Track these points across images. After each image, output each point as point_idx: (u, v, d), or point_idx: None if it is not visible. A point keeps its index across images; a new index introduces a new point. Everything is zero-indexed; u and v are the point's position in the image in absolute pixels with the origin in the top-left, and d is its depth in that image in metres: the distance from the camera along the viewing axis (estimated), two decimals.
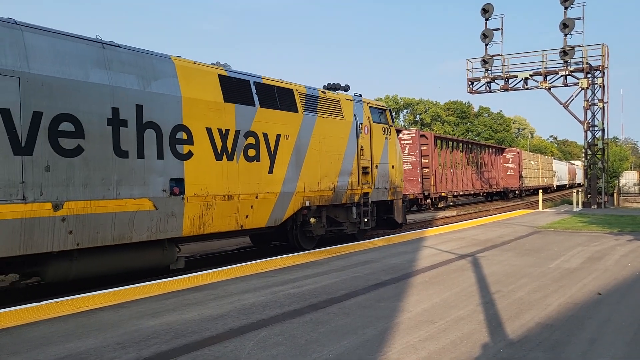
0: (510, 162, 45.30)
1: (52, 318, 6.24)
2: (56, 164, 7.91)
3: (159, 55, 9.83)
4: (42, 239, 7.74)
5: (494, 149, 44.25)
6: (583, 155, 29.69)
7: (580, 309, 6.40)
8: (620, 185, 32.63)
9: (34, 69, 7.71)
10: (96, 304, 6.92)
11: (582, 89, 27.36)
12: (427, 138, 31.03)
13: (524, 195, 47.87)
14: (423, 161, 30.41)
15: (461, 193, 35.48)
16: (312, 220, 13.17)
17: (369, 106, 15.29)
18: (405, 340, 5.26)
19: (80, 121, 8.23)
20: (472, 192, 37.61)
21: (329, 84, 14.68)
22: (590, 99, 27.55)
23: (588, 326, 5.70)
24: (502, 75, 29.24)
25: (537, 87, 28.61)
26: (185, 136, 9.84)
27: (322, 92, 13.67)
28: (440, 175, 32.21)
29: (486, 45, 29.01)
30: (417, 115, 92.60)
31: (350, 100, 14.57)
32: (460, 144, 37.91)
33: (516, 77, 28.98)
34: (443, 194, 32.08)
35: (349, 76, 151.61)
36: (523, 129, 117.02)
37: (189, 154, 9.90)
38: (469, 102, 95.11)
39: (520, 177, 45.24)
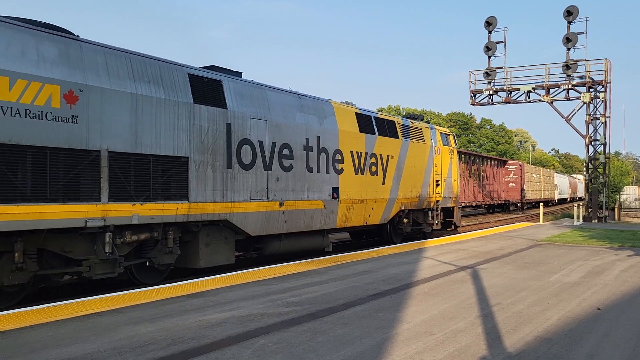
0: (512, 174, 45.24)
1: (50, 322, 6.23)
2: (281, 176, 11.83)
3: (325, 100, 13.90)
4: (273, 225, 11.66)
5: (495, 161, 44.25)
6: (584, 169, 29.67)
7: (579, 324, 6.38)
8: (621, 200, 32.59)
9: (273, 115, 11.71)
10: (94, 309, 6.91)
11: (585, 103, 27.40)
12: None
13: (526, 207, 47.79)
14: None
15: (462, 204, 35.45)
16: (405, 220, 16.96)
17: (439, 132, 19.31)
18: (404, 351, 5.24)
19: (292, 148, 12.18)
20: (473, 203, 37.56)
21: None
22: (592, 113, 27.59)
23: (587, 341, 5.68)
24: (505, 88, 29.31)
25: (539, 100, 28.66)
26: (340, 157, 13.75)
27: (411, 122, 17.60)
28: None
29: (489, 57, 29.11)
30: None
31: (428, 127, 18.58)
32: (462, 156, 37.93)
33: (519, 89, 29.05)
34: None
35: (353, 85, 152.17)
36: (525, 142, 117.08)
37: (342, 170, 13.81)
38: (471, 114, 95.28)
39: (522, 189, 45.18)
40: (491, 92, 29.59)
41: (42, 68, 7.65)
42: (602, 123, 27.45)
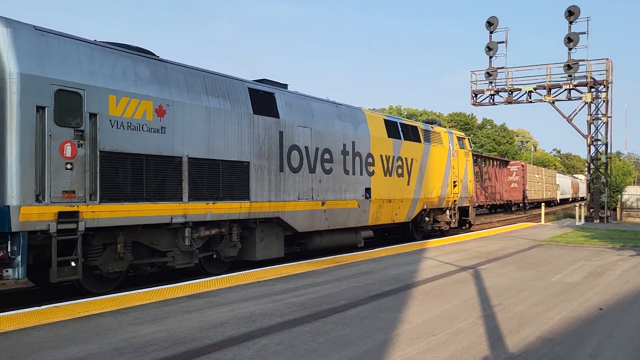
0: (514, 174, 45.16)
1: (51, 323, 6.22)
2: (323, 178, 13.10)
3: (358, 108, 15.24)
4: (316, 222, 12.95)
5: (498, 162, 44.17)
6: (586, 169, 29.62)
7: (581, 324, 6.36)
8: (623, 200, 32.52)
9: (316, 123, 13.03)
10: (95, 310, 6.91)
11: (586, 103, 27.35)
12: None
13: (528, 208, 47.73)
14: None
15: None
16: (427, 219, 18.29)
17: (456, 136, 20.71)
18: (405, 352, 5.23)
19: (332, 152, 13.44)
20: (475, 204, 37.49)
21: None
22: (593, 113, 27.55)
23: (589, 341, 5.66)
24: (506, 88, 29.28)
25: (540, 100, 28.62)
26: (371, 160, 14.98)
27: (431, 127, 18.84)
28: None
29: (490, 57, 29.07)
30: None
31: (446, 132, 19.94)
32: None
33: (520, 90, 29.01)
34: None
35: (354, 85, 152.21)
36: (526, 142, 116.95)
37: (373, 172, 15.03)
38: (472, 114, 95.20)
39: (524, 190, 45.11)
40: (492, 92, 29.55)
41: (139, 86, 9.00)
42: (604, 123, 27.41)
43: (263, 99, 11.62)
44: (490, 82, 29.44)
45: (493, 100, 30.01)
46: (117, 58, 8.82)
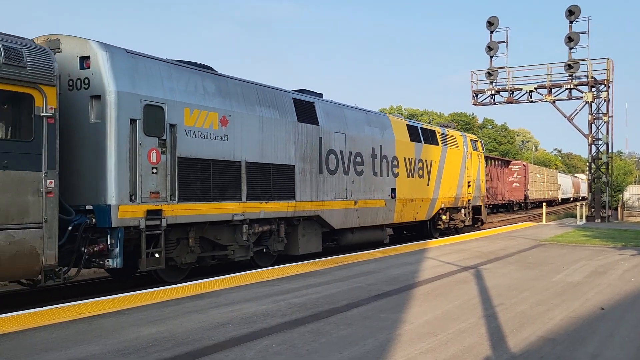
0: (515, 174, 45.12)
1: (53, 324, 6.23)
2: (355, 179, 14.36)
3: (383, 114, 17.59)
4: (349, 220, 14.19)
5: (499, 162, 44.11)
6: (587, 168, 29.59)
7: (583, 324, 6.36)
8: (624, 199, 32.49)
9: (349, 129, 14.30)
10: (97, 311, 6.92)
11: (587, 102, 27.32)
12: None
13: (530, 207, 47.70)
14: None
15: None
16: (444, 217, 19.43)
17: (469, 139, 22.00)
18: (407, 352, 5.23)
19: (362, 156, 14.71)
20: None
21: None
22: (594, 112, 27.51)
23: (590, 341, 5.66)
24: (507, 88, 29.23)
25: (541, 100, 28.58)
26: (396, 163, 16.31)
27: (448, 130, 20.28)
28: None
29: (491, 57, 29.03)
30: None
31: (461, 135, 21.35)
32: None
33: (521, 89, 28.97)
34: None
35: (354, 85, 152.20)
36: (527, 142, 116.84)
37: (397, 174, 16.37)
38: (473, 114, 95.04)
39: (526, 189, 45.08)
40: (493, 92, 29.51)
41: (207, 100, 10.28)
42: (605, 122, 27.38)
43: (305, 108, 12.94)
44: (491, 82, 29.39)
45: (494, 100, 29.97)
46: (189, 75, 10.15)
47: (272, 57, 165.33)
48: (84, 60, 8.68)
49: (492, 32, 28.83)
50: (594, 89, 27.22)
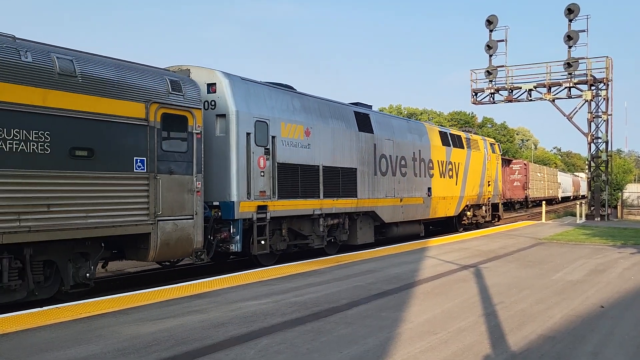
0: (516, 173, 45.14)
1: (53, 324, 6.24)
2: (400, 180, 16.68)
3: (419, 122, 20.25)
4: (396, 215, 16.37)
5: (501, 161, 44.10)
6: (587, 167, 29.59)
7: (582, 322, 6.37)
8: (624, 197, 32.49)
9: (395, 136, 16.64)
10: (97, 310, 6.92)
11: (586, 101, 27.31)
12: None
13: (530, 206, 47.70)
14: None
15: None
16: (469, 213, 21.82)
17: (489, 142, 24.49)
18: (407, 350, 5.24)
19: (406, 159, 17.04)
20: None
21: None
22: (594, 111, 27.49)
23: (590, 339, 5.67)
24: (506, 87, 29.21)
25: (540, 98, 28.56)
26: (431, 165, 18.67)
27: (471, 135, 22.74)
28: None
29: (490, 56, 28.98)
30: None
31: (482, 139, 23.81)
32: None
33: (520, 88, 28.95)
34: None
35: (354, 85, 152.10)
36: (527, 140, 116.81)
37: (432, 175, 18.73)
38: (472, 113, 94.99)
39: (527, 188, 45.07)
40: (492, 90, 29.48)
41: (295, 115, 12.52)
42: (604, 121, 27.36)
43: (363, 119, 15.19)
44: (490, 81, 29.36)
45: (493, 99, 29.95)
46: (282, 95, 12.39)
47: (272, 57, 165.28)
48: (211, 86, 10.87)
49: (491, 30, 28.80)
50: (593, 88, 27.21)
